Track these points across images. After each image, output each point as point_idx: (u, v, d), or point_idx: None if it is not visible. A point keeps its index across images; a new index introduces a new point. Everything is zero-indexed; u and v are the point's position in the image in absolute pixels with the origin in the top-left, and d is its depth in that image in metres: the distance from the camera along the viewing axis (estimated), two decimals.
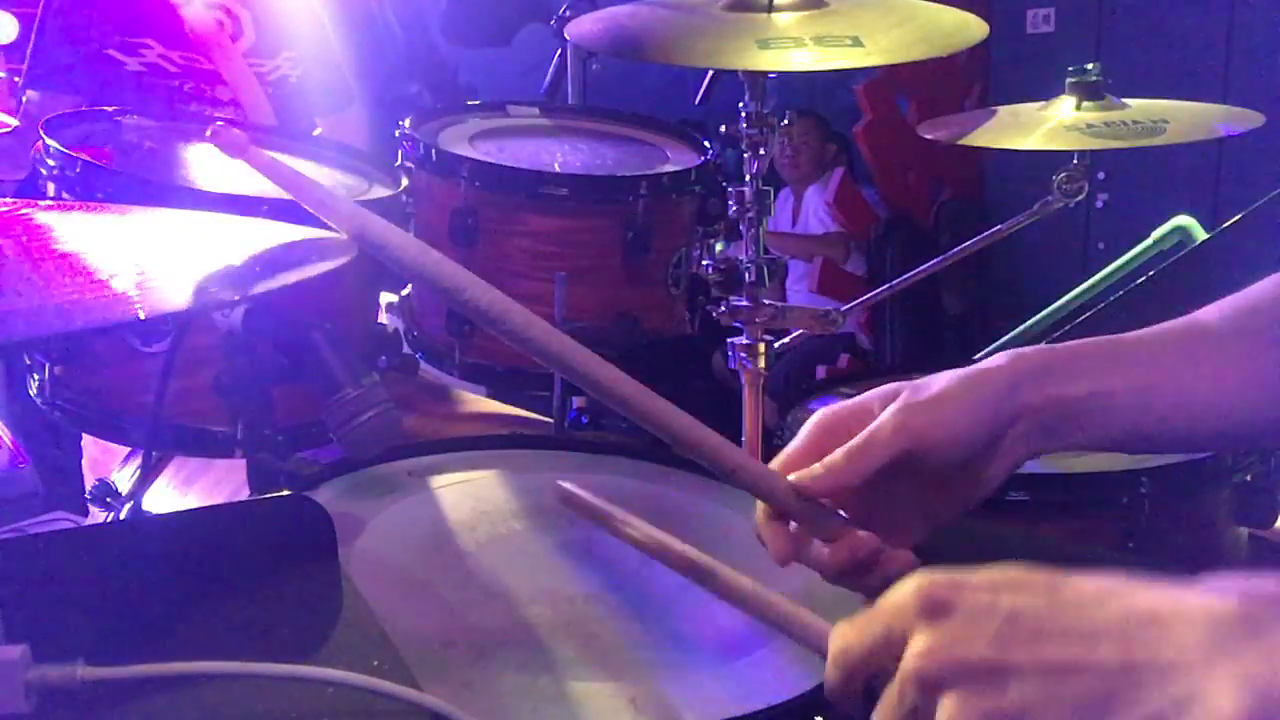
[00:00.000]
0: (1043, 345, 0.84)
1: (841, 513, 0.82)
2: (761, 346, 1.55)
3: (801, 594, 0.94)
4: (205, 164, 1.54)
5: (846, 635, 0.62)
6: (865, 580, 0.82)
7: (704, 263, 1.65)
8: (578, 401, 1.68)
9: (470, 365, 1.58)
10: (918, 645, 0.57)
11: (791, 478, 0.81)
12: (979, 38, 1.44)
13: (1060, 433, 0.82)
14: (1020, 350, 0.83)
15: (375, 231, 0.77)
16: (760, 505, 0.83)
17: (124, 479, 1.58)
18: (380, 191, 1.54)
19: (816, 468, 0.80)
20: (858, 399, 0.84)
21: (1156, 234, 2.41)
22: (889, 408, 0.80)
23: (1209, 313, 0.86)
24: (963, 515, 1.21)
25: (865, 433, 0.80)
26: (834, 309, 1.70)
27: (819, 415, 0.85)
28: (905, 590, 0.60)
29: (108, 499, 1.56)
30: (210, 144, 0.77)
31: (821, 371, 4.32)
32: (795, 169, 4.82)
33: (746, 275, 1.55)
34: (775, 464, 0.83)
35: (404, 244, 0.80)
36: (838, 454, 0.80)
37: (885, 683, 0.60)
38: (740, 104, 1.56)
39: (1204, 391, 0.83)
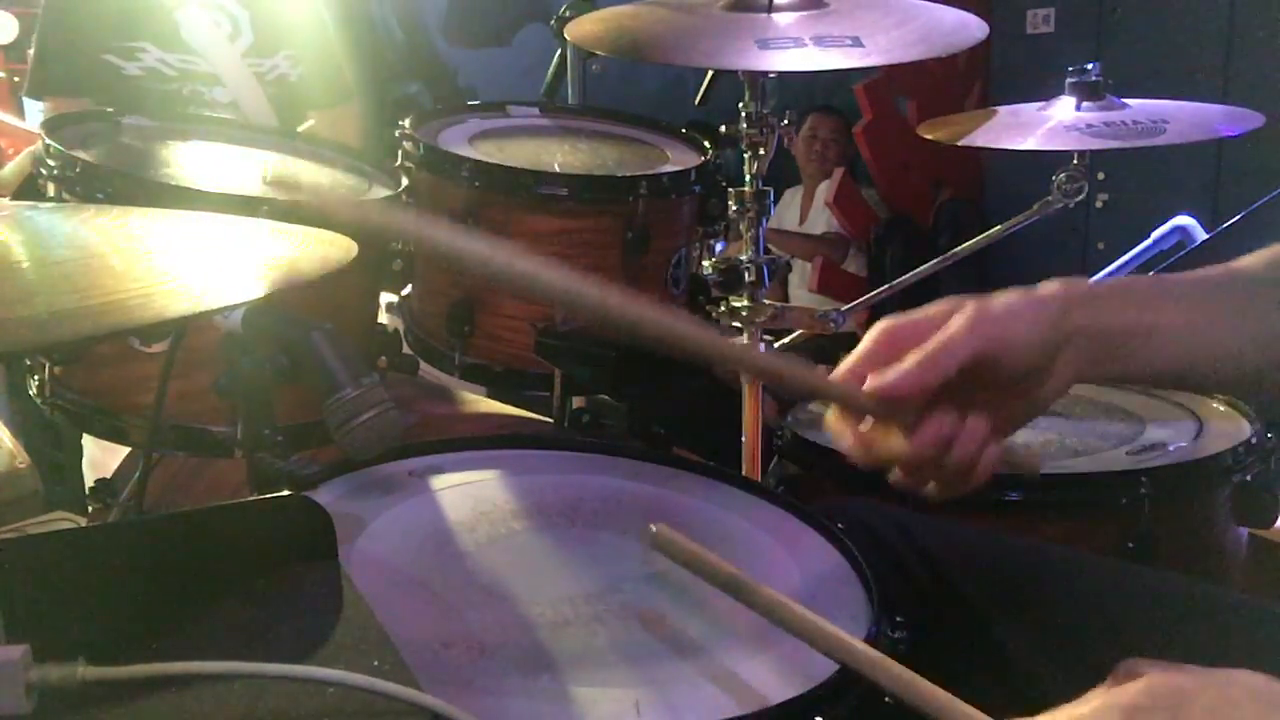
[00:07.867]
0: (1090, 278, 0.87)
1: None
2: (761, 346, 1.55)
3: (803, 595, 0.94)
4: (205, 164, 1.54)
5: None
6: (944, 465, 0.84)
7: (704, 263, 1.65)
8: (577, 401, 1.68)
9: (470, 365, 1.58)
10: None
11: (870, 383, 0.83)
12: (979, 38, 1.44)
13: (1107, 359, 0.84)
14: (1071, 279, 0.86)
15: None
16: (833, 408, 0.87)
17: (123, 479, 1.58)
18: (380, 191, 1.54)
19: (890, 373, 0.82)
20: (919, 311, 0.86)
21: (1156, 234, 2.42)
22: (958, 316, 0.83)
23: (1251, 260, 0.89)
24: (961, 515, 1.21)
25: (939, 337, 0.82)
26: (834, 309, 1.70)
27: (883, 324, 0.87)
28: (1133, 690, 0.62)
29: (108, 499, 1.56)
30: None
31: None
32: (824, 164, 4.83)
33: (746, 275, 1.55)
34: (840, 371, 0.86)
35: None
36: (911, 358, 0.82)
37: None
38: (740, 104, 1.56)
39: (1247, 334, 0.85)
